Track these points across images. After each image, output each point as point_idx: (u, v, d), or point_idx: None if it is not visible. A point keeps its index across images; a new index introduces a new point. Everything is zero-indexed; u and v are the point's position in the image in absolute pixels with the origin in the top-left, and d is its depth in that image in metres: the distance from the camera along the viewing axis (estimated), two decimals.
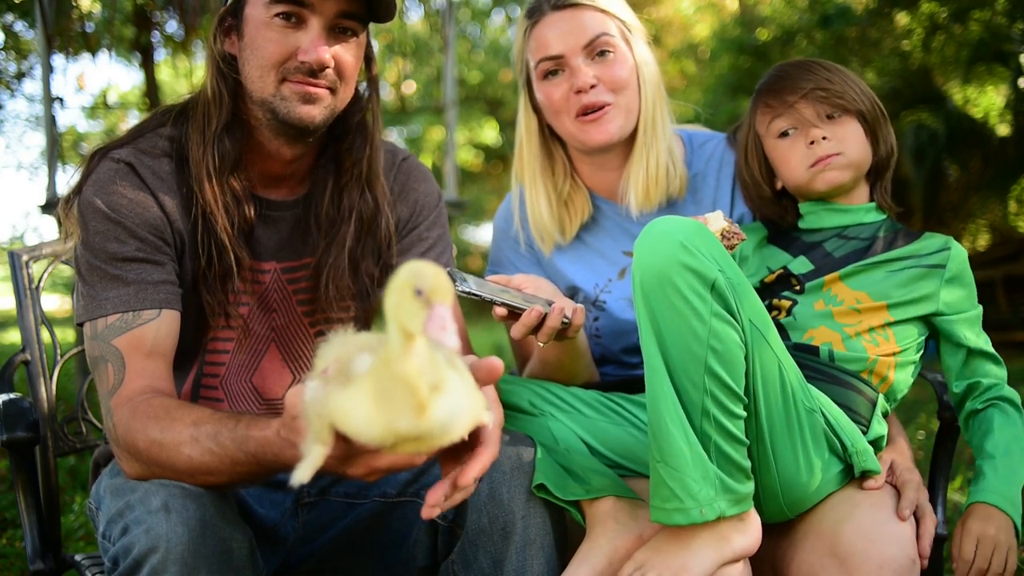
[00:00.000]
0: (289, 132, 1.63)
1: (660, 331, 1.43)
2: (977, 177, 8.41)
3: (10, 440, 1.71)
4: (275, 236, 1.73)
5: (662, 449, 1.43)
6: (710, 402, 1.42)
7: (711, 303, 1.41)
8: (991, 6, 7.84)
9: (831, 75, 1.76)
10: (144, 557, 1.32)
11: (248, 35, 1.60)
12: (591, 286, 1.99)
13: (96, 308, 1.56)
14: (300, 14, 1.57)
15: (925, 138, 7.90)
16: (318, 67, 1.58)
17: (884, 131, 1.80)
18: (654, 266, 1.41)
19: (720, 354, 1.41)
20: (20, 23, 7.31)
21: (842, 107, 1.75)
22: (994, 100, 9.09)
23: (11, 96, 8.60)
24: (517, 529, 1.56)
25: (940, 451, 1.86)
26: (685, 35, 12.67)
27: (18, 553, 2.95)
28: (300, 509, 1.76)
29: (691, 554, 1.43)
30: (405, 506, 1.69)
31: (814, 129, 1.75)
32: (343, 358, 1.16)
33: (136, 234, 1.58)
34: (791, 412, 1.51)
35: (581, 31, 1.81)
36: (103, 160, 1.62)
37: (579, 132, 1.86)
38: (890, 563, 1.46)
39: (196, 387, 1.73)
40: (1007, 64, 8.09)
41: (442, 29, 5.95)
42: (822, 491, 1.58)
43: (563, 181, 1.97)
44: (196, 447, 1.38)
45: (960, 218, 9.23)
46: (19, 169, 11.84)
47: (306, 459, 1.20)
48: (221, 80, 1.63)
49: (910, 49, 8.66)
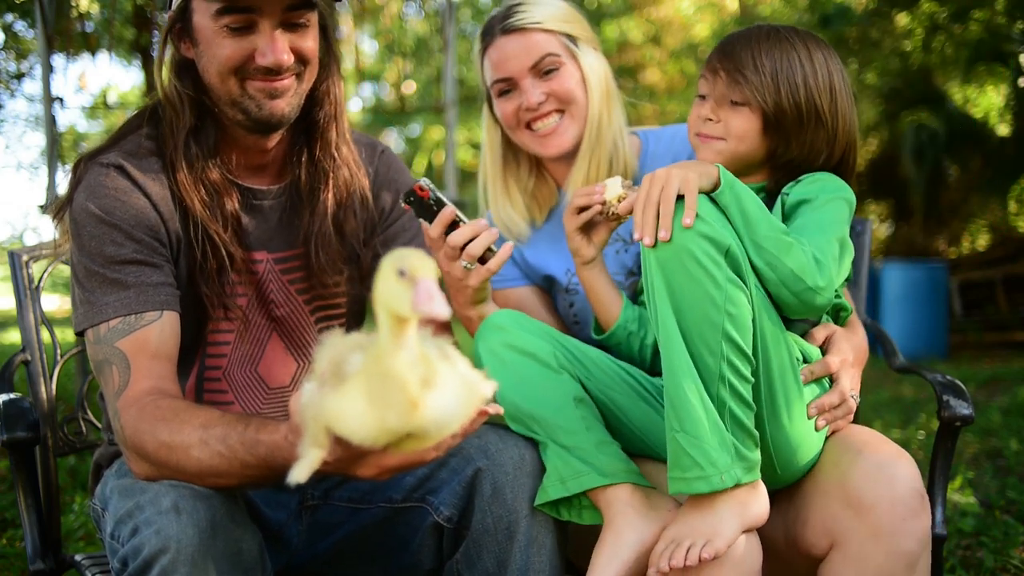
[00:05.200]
0: (262, 127, 1.64)
1: (676, 299, 1.47)
2: (977, 177, 8.42)
3: (10, 440, 1.71)
4: (264, 225, 1.73)
5: (681, 418, 1.47)
6: (727, 367, 1.46)
7: (726, 269, 1.46)
8: (991, 6, 7.85)
9: (762, 62, 1.68)
10: (154, 558, 1.32)
11: (201, 43, 1.60)
12: (563, 272, 2.04)
13: (97, 313, 1.55)
14: (249, 19, 1.56)
15: (925, 138, 7.92)
16: (276, 68, 1.59)
17: (805, 134, 1.69)
18: (670, 237, 1.45)
19: (735, 319, 1.46)
20: (20, 23, 7.30)
21: (747, 100, 1.69)
22: (994, 100, 9.10)
23: (11, 96, 8.59)
24: (521, 528, 1.57)
25: (940, 451, 1.86)
26: (685, 35, 12.66)
27: (18, 553, 2.95)
28: (304, 511, 1.76)
29: (718, 520, 1.47)
30: (410, 511, 1.69)
31: (707, 106, 1.73)
32: (336, 359, 1.17)
33: (133, 236, 1.57)
34: (791, 370, 1.56)
35: (526, 54, 1.93)
36: (91, 166, 1.62)
37: (534, 144, 1.97)
38: (901, 499, 1.51)
39: (199, 381, 1.73)
40: (1007, 64, 8.10)
41: (442, 29, 5.95)
42: (812, 445, 1.61)
43: (527, 176, 2.07)
44: (205, 450, 1.38)
45: (960, 218, 9.24)
46: (19, 169, 11.83)
47: (302, 460, 1.21)
48: (180, 85, 1.63)
49: (910, 49, 8.66)
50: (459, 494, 1.62)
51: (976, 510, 3.12)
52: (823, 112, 1.68)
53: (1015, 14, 7.75)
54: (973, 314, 8.08)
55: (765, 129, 1.69)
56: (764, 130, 1.69)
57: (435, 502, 1.65)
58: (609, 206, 1.71)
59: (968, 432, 4.25)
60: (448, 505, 1.63)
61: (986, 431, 4.40)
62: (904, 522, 1.50)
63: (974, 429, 4.34)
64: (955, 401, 1.82)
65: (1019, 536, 2.81)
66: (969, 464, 3.83)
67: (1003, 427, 4.46)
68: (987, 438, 4.30)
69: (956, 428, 1.84)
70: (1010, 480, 3.48)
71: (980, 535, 2.85)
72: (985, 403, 5.04)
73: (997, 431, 4.39)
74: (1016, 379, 5.80)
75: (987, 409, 4.84)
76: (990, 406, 4.94)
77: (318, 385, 1.18)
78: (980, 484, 3.47)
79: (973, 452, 4.08)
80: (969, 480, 3.50)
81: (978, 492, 3.36)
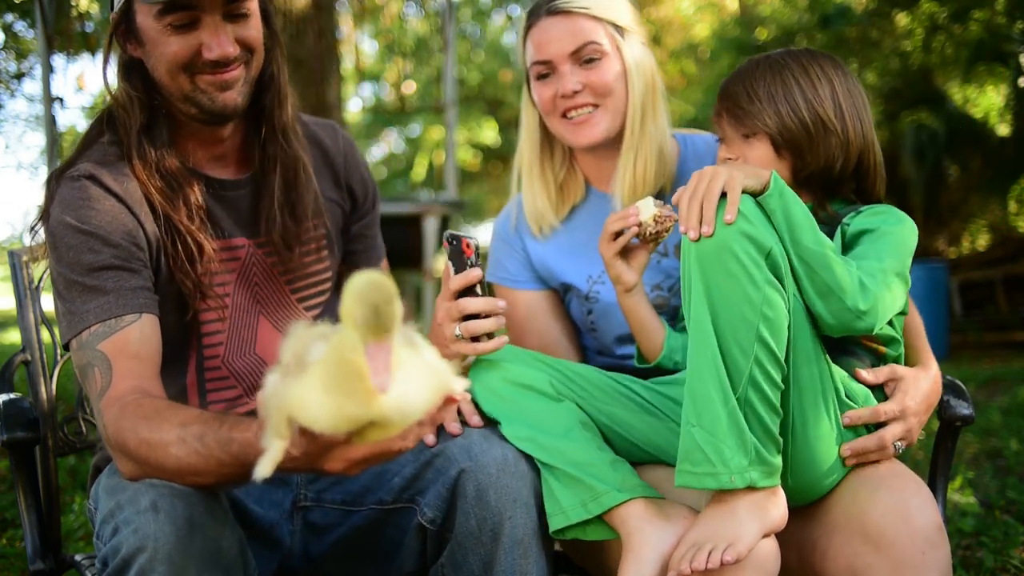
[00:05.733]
0: (216, 119, 1.67)
1: (712, 296, 1.47)
2: (977, 177, 8.42)
3: (10, 440, 1.71)
4: (235, 214, 1.76)
5: (700, 414, 1.47)
6: (757, 369, 1.46)
7: (765, 270, 1.46)
8: (991, 6, 7.85)
9: (755, 91, 1.72)
10: (132, 556, 1.33)
11: (147, 43, 1.62)
12: (584, 279, 2.00)
13: (79, 322, 1.57)
14: (191, 16, 1.59)
15: (925, 138, 7.90)
16: (224, 60, 1.61)
17: (817, 146, 1.71)
18: (712, 232, 1.46)
19: (771, 321, 1.46)
20: (20, 23, 7.31)
21: (752, 130, 1.73)
22: (994, 100, 9.09)
23: (11, 96, 8.59)
24: (505, 530, 1.57)
25: (940, 451, 1.86)
26: (685, 35, 12.67)
27: (18, 553, 2.95)
28: (296, 512, 1.76)
29: (739, 524, 1.47)
30: (401, 512, 1.69)
31: (723, 149, 1.78)
32: (299, 350, 1.17)
33: (110, 241, 1.59)
34: (822, 391, 1.55)
35: (570, 38, 1.87)
36: (62, 181, 1.64)
37: (566, 132, 1.92)
38: (920, 533, 1.51)
39: (200, 372, 1.74)
40: (1007, 64, 8.09)
41: (442, 29, 5.95)
42: (832, 469, 1.60)
43: (560, 167, 2.02)
44: (183, 448, 1.38)
45: (960, 218, 9.23)
46: (19, 169, 11.82)
47: (266, 454, 1.21)
48: (129, 85, 1.66)
49: (910, 49, 8.66)
50: (443, 496, 1.62)
51: (976, 510, 3.12)
52: (829, 120, 1.70)
53: (1015, 14, 7.75)
54: (973, 314, 8.08)
55: (778, 152, 1.72)
56: (778, 153, 1.72)
57: (422, 503, 1.65)
58: (645, 227, 1.69)
59: (968, 432, 4.24)
60: (432, 507, 1.64)
61: (986, 431, 4.40)
62: (924, 556, 1.50)
63: (974, 429, 4.34)
64: (955, 401, 1.82)
65: (1019, 536, 2.81)
66: (969, 464, 3.83)
67: (1003, 427, 4.46)
68: (987, 438, 4.29)
69: (956, 428, 1.84)
70: (1010, 480, 3.48)
71: (980, 535, 2.85)
72: (985, 403, 5.03)
73: (997, 431, 4.38)
74: (1016, 379, 5.80)
75: (987, 409, 4.84)
76: (990, 406, 4.94)
77: (281, 376, 1.18)
78: (980, 484, 3.47)
79: (973, 452, 4.08)
80: (969, 480, 3.49)
81: (978, 492, 3.36)
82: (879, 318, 1.56)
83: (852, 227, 1.68)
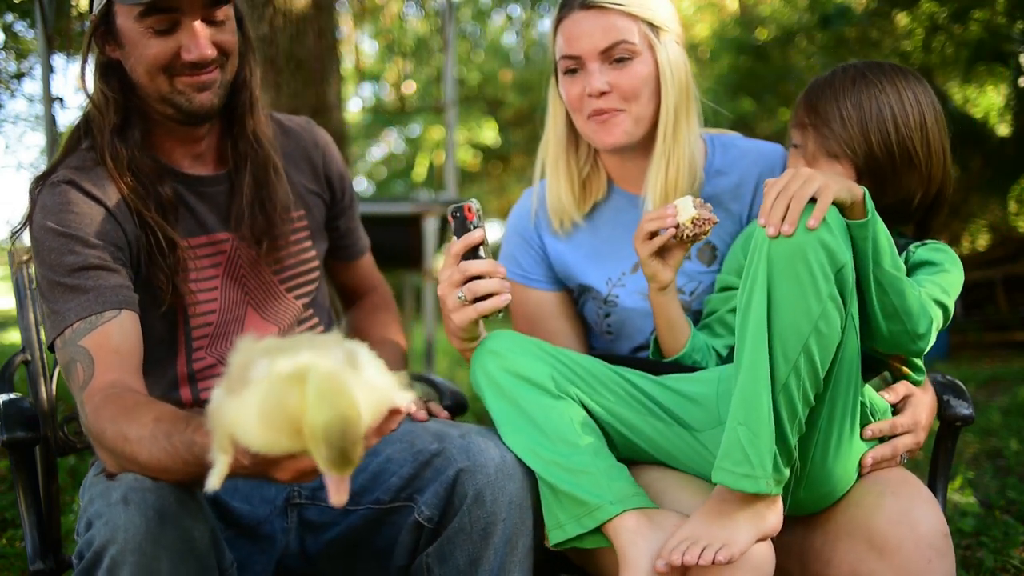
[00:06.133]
0: (192, 119, 1.74)
1: (773, 297, 1.46)
2: (977, 177, 8.41)
3: (10, 440, 1.71)
4: (215, 209, 1.84)
5: (748, 413, 1.46)
6: (794, 381, 1.46)
7: (832, 285, 1.45)
8: (991, 6, 7.84)
9: (848, 113, 1.69)
10: (104, 548, 1.35)
11: (128, 45, 1.69)
12: (603, 281, 1.98)
13: (60, 321, 1.62)
14: (171, 19, 1.65)
15: None
16: (202, 63, 1.68)
17: (899, 178, 1.70)
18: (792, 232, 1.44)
19: (822, 336, 1.45)
20: (20, 23, 7.30)
21: (838, 153, 1.71)
22: (994, 100, 9.08)
23: (11, 96, 8.58)
24: (498, 531, 1.58)
25: (940, 451, 1.86)
26: (685, 35, 12.65)
27: (18, 553, 2.95)
28: (291, 508, 1.77)
29: (735, 527, 1.47)
30: (398, 511, 1.70)
31: (802, 161, 1.76)
32: (244, 364, 1.20)
33: (89, 243, 1.64)
34: (851, 412, 1.56)
35: (602, 35, 1.81)
36: (44, 188, 1.70)
37: (589, 131, 1.89)
38: (926, 540, 1.52)
39: (189, 364, 1.79)
40: (1007, 64, 8.08)
41: (442, 29, 5.95)
42: (845, 484, 1.62)
43: (584, 162, 1.99)
44: (154, 444, 1.41)
45: (960, 218, 9.23)
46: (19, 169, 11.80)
47: (214, 467, 1.24)
48: (105, 85, 1.72)
49: (910, 49, 8.65)
50: (440, 495, 1.64)
51: (976, 510, 3.11)
52: (915, 154, 1.69)
53: (1015, 14, 7.74)
54: (973, 314, 8.07)
55: (859, 179, 1.70)
56: (859, 179, 1.70)
57: (420, 501, 1.66)
58: (683, 229, 1.67)
59: (968, 432, 4.25)
60: (430, 506, 1.65)
61: (986, 431, 4.40)
62: (930, 563, 1.51)
63: (974, 429, 4.34)
64: (955, 401, 1.82)
65: (1019, 536, 2.81)
66: (969, 464, 3.83)
67: (1003, 427, 4.46)
68: (987, 438, 4.29)
69: (956, 428, 1.84)
70: (1010, 480, 3.48)
71: (980, 535, 2.84)
72: (985, 403, 5.03)
73: (997, 431, 4.38)
74: (1016, 379, 5.80)
75: (987, 409, 4.83)
76: (990, 406, 4.94)
77: (225, 391, 1.21)
78: (980, 484, 3.47)
79: (973, 452, 4.07)
80: (969, 480, 3.49)
81: (978, 492, 3.35)
82: (929, 343, 1.59)
83: (916, 256, 1.71)
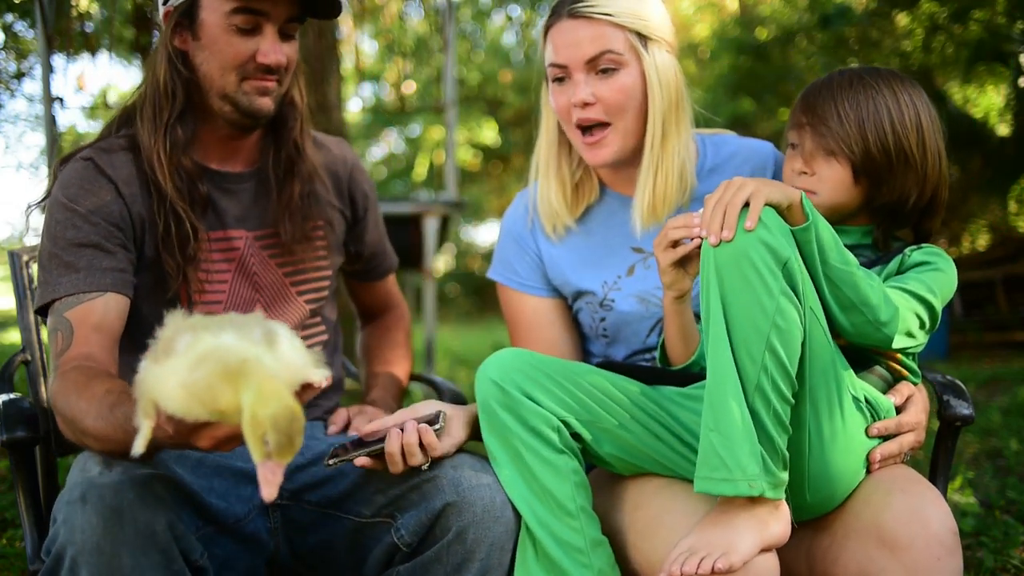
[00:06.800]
0: (246, 120, 1.80)
1: (727, 301, 1.48)
2: (977, 177, 8.41)
3: (10, 440, 1.71)
4: (238, 206, 1.88)
5: (717, 418, 1.47)
6: (765, 379, 1.47)
7: (781, 280, 1.47)
8: (991, 6, 7.84)
9: (845, 112, 1.70)
10: (64, 550, 1.37)
11: (206, 38, 1.75)
12: (599, 284, 1.97)
13: (50, 292, 1.68)
14: (257, 21, 1.73)
15: None
16: (276, 67, 1.76)
17: (895, 178, 1.72)
18: (732, 237, 1.48)
19: (783, 332, 1.47)
20: (20, 23, 7.30)
21: (835, 151, 1.71)
22: (994, 100, 9.09)
23: (11, 96, 8.58)
24: (474, 568, 1.58)
25: (940, 451, 1.86)
26: (685, 35, 12.65)
27: (18, 553, 2.95)
28: (272, 509, 1.77)
29: (736, 535, 1.46)
30: (377, 527, 1.71)
31: (799, 160, 1.76)
32: (170, 337, 1.27)
33: (89, 220, 1.70)
34: (839, 404, 1.56)
35: (588, 44, 1.80)
36: (65, 164, 1.78)
37: (581, 147, 1.89)
38: (936, 538, 1.52)
39: None
40: (1007, 64, 8.08)
41: (442, 29, 5.95)
42: (850, 481, 1.62)
43: (576, 166, 1.99)
44: (100, 418, 1.43)
45: (960, 218, 9.23)
46: (19, 169, 11.80)
47: (139, 432, 1.29)
48: (175, 75, 1.77)
49: (910, 49, 8.65)
50: (423, 523, 1.63)
51: (976, 510, 3.11)
52: (911, 154, 1.71)
53: (1015, 14, 7.73)
54: (973, 314, 8.07)
55: (856, 177, 1.72)
56: (855, 178, 1.72)
57: (400, 522, 1.66)
58: None
59: (968, 432, 4.24)
60: (411, 531, 1.64)
61: (986, 431, 4.40)
62: (939, 561, 1.51)
63: (974, 429, 4.34)
64: (955, 401, 1.82)
65: (1019, 536, 2.81)
66: (969, 464, 3.83)
67: (1003, 427, 4.46)
68: (987, 438, 4.29)
69: (956, 428, 1.84)
70: (1010, 480, 3.48)
71: (980, 535, 2.84)
72: (985, 403, 5.03)
73: (997, 431, 4.38)
74: (1016, 379, 5.80)
75: (987, 409, 4.83)
76: (990, 406, 4.93)
77: (151, 361, 1.27)
78: (980, 484, 3.47)
79: (973, 452, 4.07)
80: (969, 480, 3.49)
81: (978, 492, 3.35)
82: (897, 331, 1.59)
83: (911, 259, 1.73)
